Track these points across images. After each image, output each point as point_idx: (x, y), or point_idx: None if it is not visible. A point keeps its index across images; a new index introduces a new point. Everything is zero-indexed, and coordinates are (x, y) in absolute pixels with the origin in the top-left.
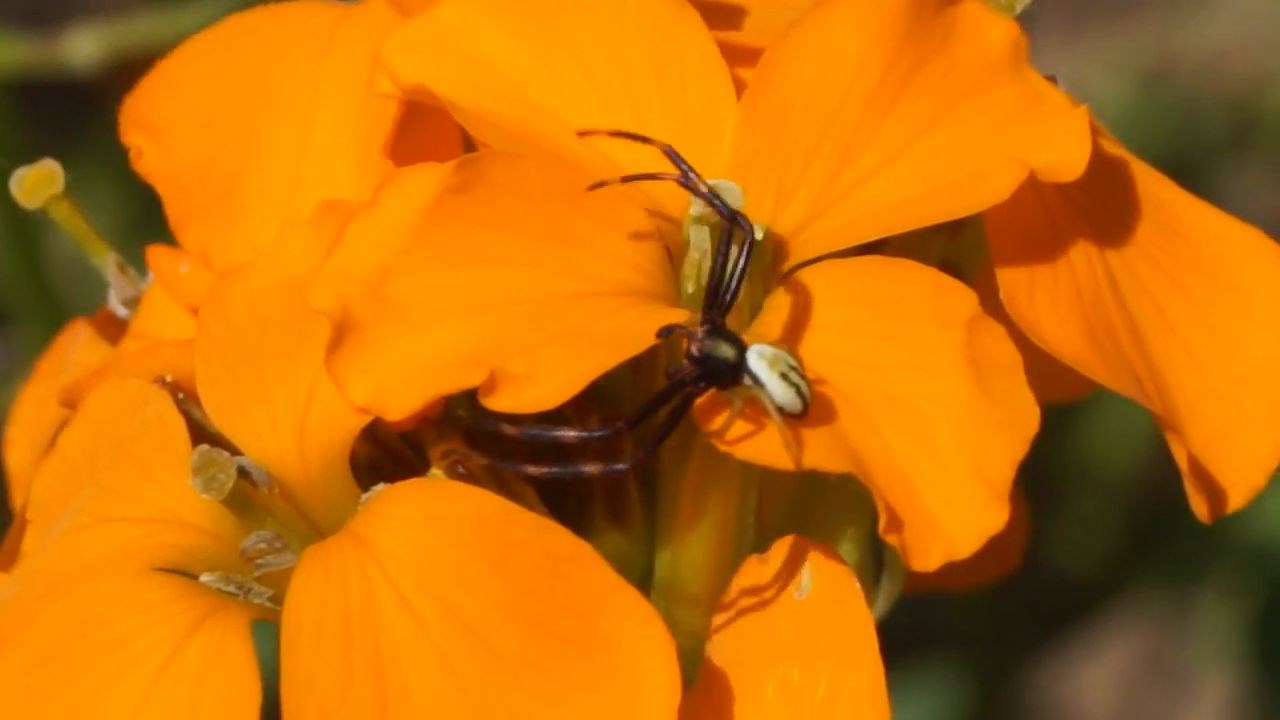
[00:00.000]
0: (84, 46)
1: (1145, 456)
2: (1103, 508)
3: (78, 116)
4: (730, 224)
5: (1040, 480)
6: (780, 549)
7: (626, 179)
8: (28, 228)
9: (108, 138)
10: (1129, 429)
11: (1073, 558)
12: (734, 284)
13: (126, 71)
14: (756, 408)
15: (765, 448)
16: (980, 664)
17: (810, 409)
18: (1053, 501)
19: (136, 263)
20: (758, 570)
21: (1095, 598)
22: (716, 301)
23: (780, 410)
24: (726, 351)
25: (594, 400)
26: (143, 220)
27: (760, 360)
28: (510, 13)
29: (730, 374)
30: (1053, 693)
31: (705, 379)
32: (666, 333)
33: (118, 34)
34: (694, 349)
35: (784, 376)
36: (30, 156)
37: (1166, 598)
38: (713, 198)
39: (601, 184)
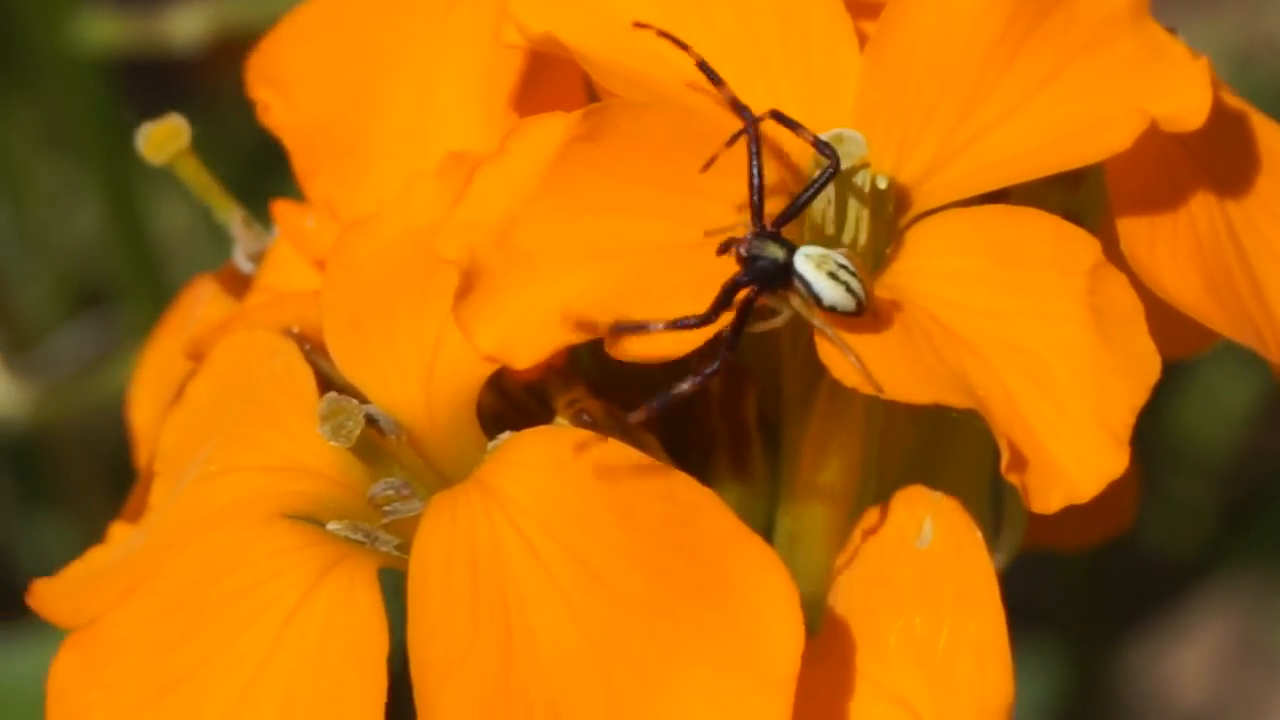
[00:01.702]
0: (187, 25)
1: (1238, 438)
2: (1196, 489)
3: (165, 98)
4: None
5: (1133, 461)
6: (901, 499)
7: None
8: (132, 208)
9: (197, 119)
10: (1222, 410)
11: (1166, 539)
12: (804, 199)
13: (217, 51)
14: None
15: (894, 381)
16: (1073, 645)
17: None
18: (1146, 483)
19: (225, 246)
20: (879, 520)
21: (1188, 579)
22: (762, 205)
23: (834, 309)
24: (774, 252)
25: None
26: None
27: (807, 261)
28: None
29: (779, 275)
30: (1145, 674)
31: (756, 280)
32: (724, 247)
33: (221, 12)
34: (741, 249)
35: (832, 275)
36: (123, 138)
37: (1260, 579)
38: (777, 117)
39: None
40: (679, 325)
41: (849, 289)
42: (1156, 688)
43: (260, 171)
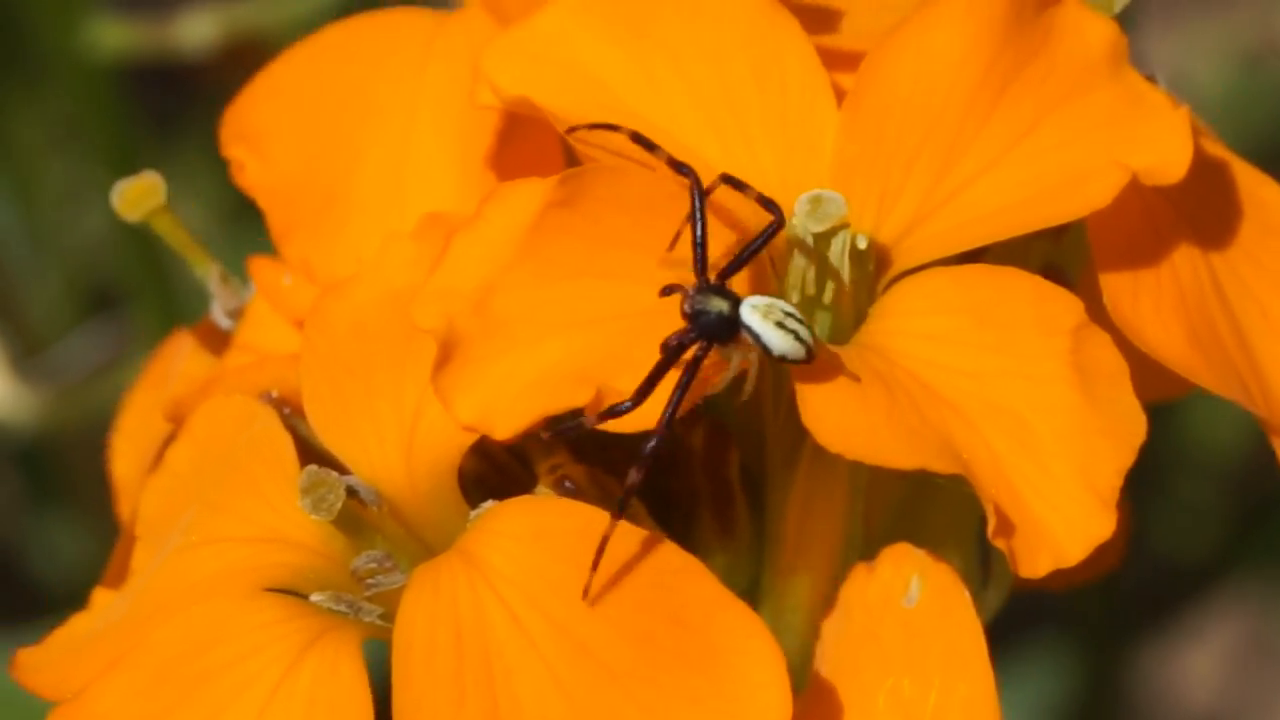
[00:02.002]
0: (198, 29)
1: (1248, 441)
2: (1206, 492)
3: (175, 101)
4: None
5: (1143, 465)
6: (888, 557)
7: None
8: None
9: (206, 123)
10: (1232, 414)
11: (1176, 542)
12: (748, 253)
13: (227, 55)
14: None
15: (877, 446)
16: (1084, 647)
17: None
18: (1156, 486)
19: (239, 251)
20: (865, 578)
21: (1198, 582)
22: (704, 258)
23: (784, 359)
24: (718, 305)
25: (701, 410)
26: (243, 208)
27: (754, 312)
28: (609, 21)
29: (725, 328)
30: (1156, 676)
31: (701, 335)
32: (666, 292)
33: (231, 17)
34: (685, 305)
35: (780, 325)
36: (133, 141)
37: (1270, 581)
38: (726, 180)
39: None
40: (612, 413)
41: (798, 337)
42: (1167, 689)
43: None
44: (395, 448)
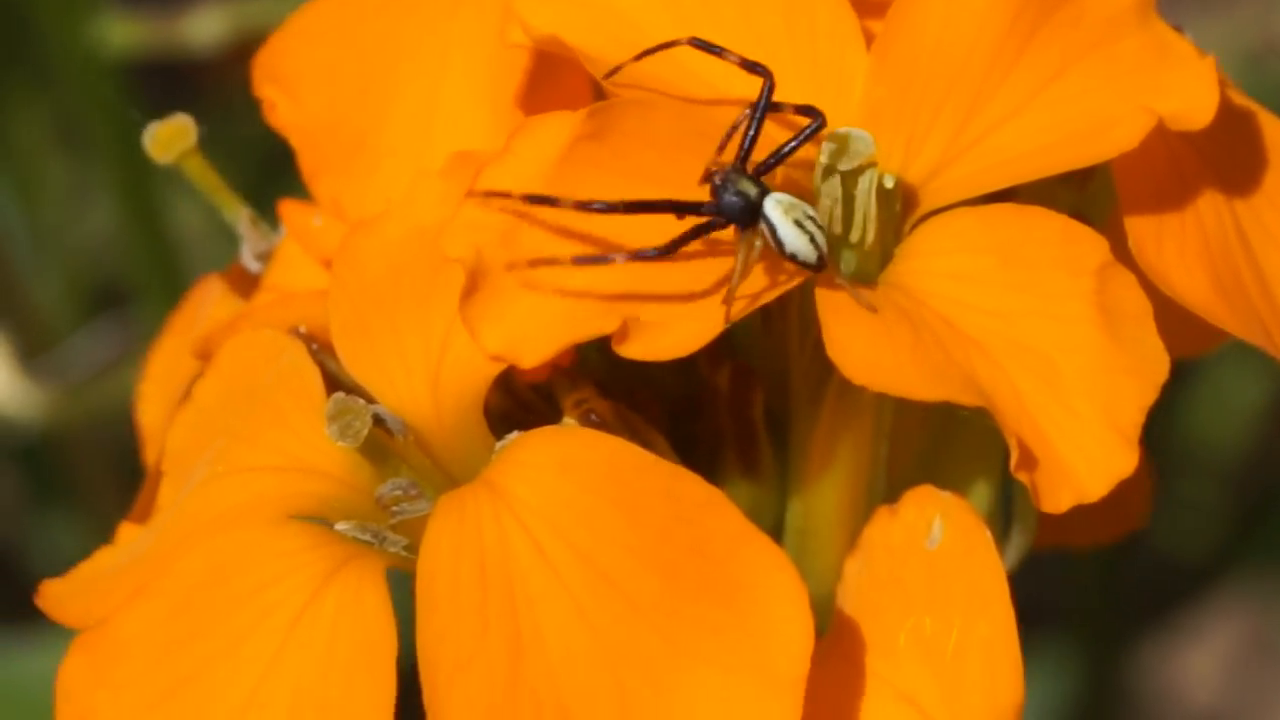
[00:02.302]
0: (205, 27)
1: (1250, 439)
2: (1207, 490)
3: (178, 97)
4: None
5: (1146, 459)
6: (911, 498)
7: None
8: (147, 208)
9: (210, 119)
10: (1233, 411)
11: (1176, 541)
12: (788, 149)
13: (232, 52)
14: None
15: (903, 378)
16: (1085, 645)
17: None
18: (1157, 483)
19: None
20: (889, 520)
21: (1199, 580)
22: (749, 152)
23: (794, 258)
24: (748, 188)
25: (727, 353)
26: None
27: (776, 205)
28: None
29: (746, 213)
30: (1157, 674)
31: (723, 213)
32: (705, 177)
33: (239, 14)
34: (715, 179)
35: (798, 224)
36: (137, 138)
37: (1271, 580)
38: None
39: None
40: (639, 256)
41: (813, 240)
42: (1168, 688)
43: (273, 172)
44: (422, 379)
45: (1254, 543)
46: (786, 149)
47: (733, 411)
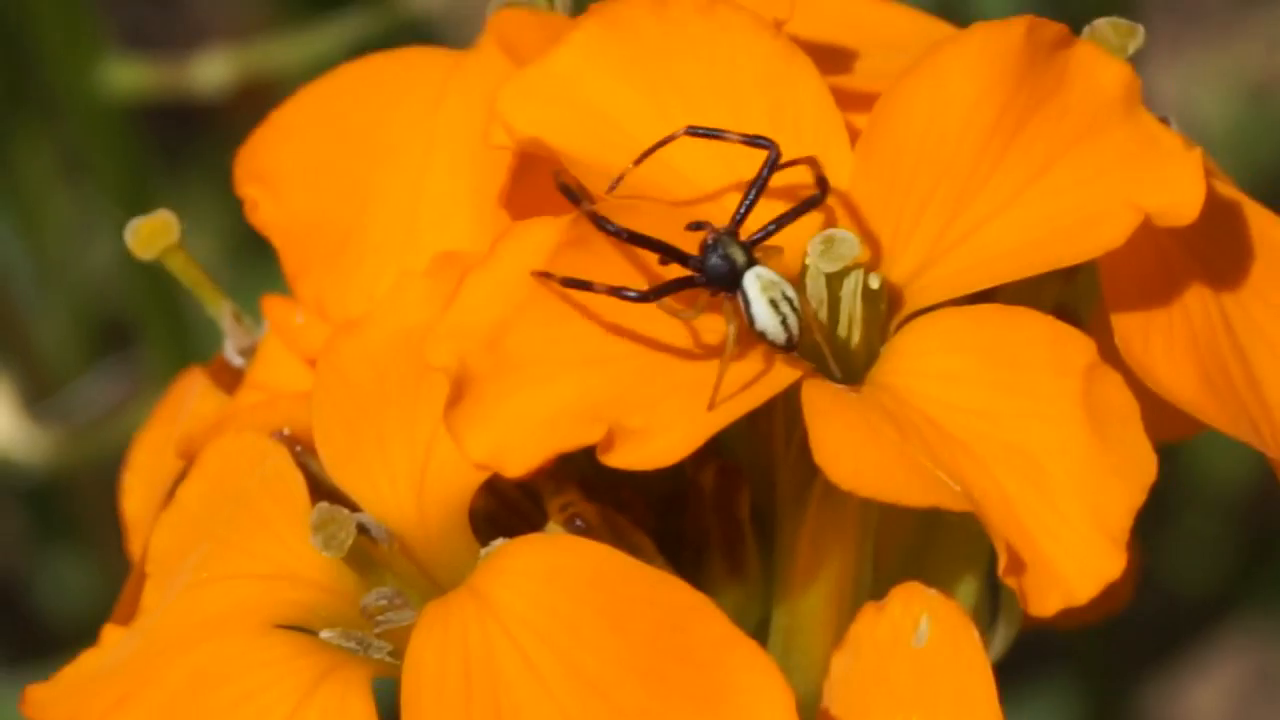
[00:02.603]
0: (212, 71)
1: (1255, 475)
2: (1212, 526)
3: (180, 131)
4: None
5: (1149, 498)
6: (898, 596)
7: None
8: None
9: (212, 156)
10: (1239, 448)
11: (1182, 576)
12: (787, 219)
13: (236, 90)
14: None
15: (890, 484)
16: (1090, 682)
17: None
18: (1162, 518)
19: (246, 287)
20: (875, 617)
21: (1206, 615)
22: (744, 217)
23: (763, 336)
24: (735, 254)
25: (712, 453)
26: (249, 243)
27: (756, 280)
28: (624, 61)
29: (728, 279)
30: (1163, 711)
31: (704, 271)
32: (695, 225)
33: (246, 58)
34: (709, 238)
35: (773, 303)
36: (142, 174)
37: (1276, 616)
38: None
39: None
40: (618, 293)
41: (784, 322)
42: None
43: None
44: (407, 485)
45: (1260, 578)
46: (786, 219)
47: (718, 510)
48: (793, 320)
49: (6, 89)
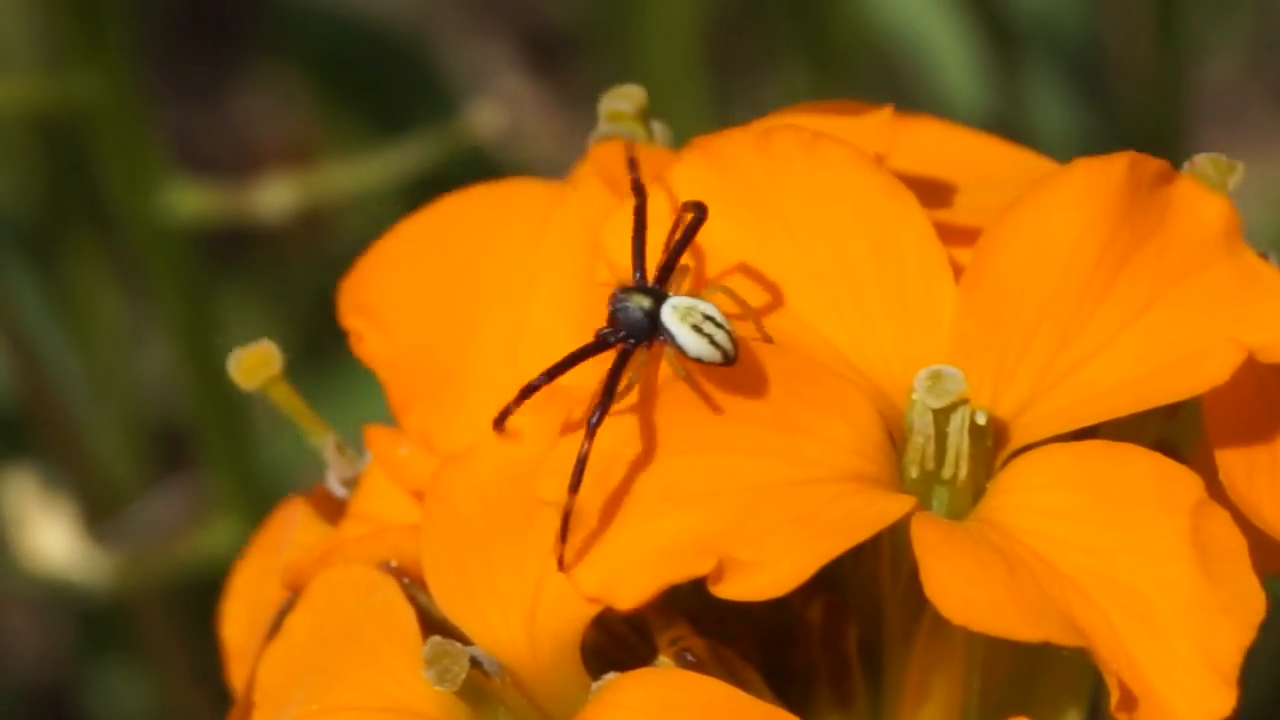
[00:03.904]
0: (274, 196)
1: None
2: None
3: (232, 246)
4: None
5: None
6: None
7: None
8: (216, 364)
9: (262, 269)
10: None
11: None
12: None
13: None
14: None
15: (1001, 617)
16: None
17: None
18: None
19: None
20: None
21: None
22: (641, 263)
23: (700, 361)
24: (640, 301)
25: (818, 587)
26: (305, 355)
27: (672, 312)
28: (728, 195)
29: (647, 325)
30: None
31: (625, 330)
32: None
33: (309, 184)
34: (612, 299)
35: (696, 328)
36: (199, 290)
37: None
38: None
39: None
40: (530, 389)
41: (713, 341)
42: None
43: (328, 322)
44: (518, 619)
45: None
46: (676, 251)
47: (826, 644)
48: (721, 336)
49: (58, 199)
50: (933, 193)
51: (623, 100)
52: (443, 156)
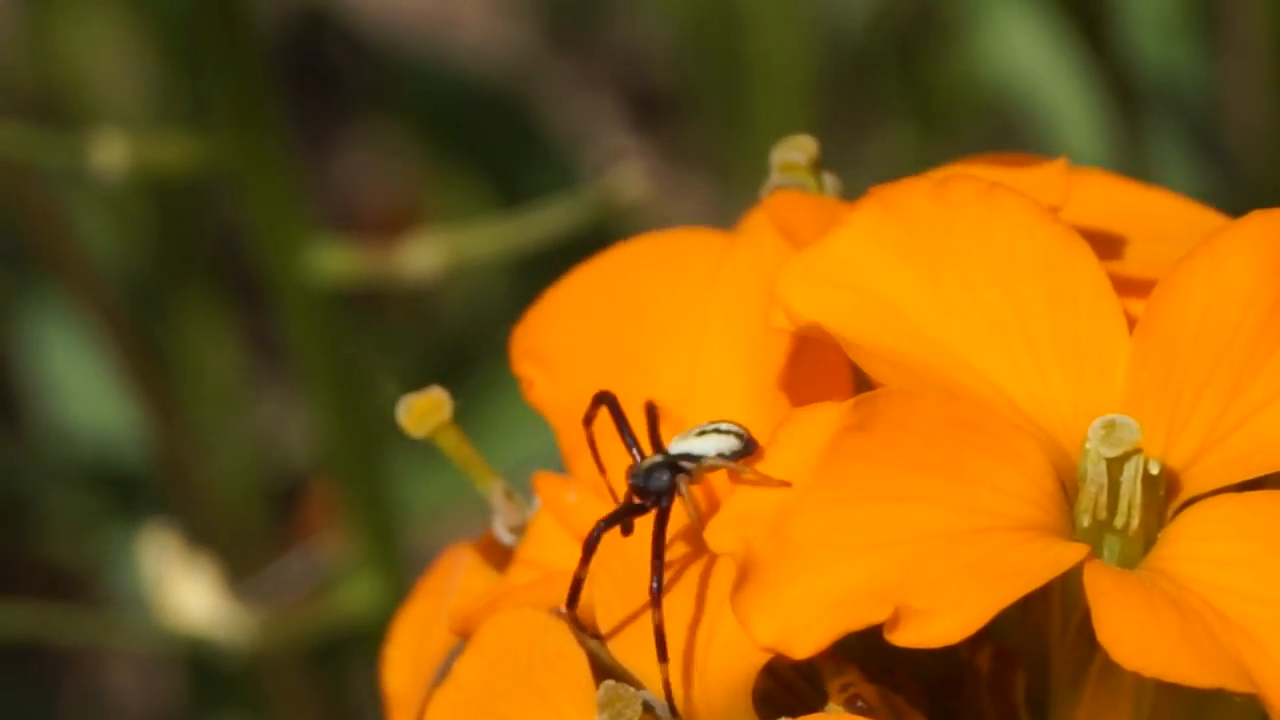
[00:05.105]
0: (421, 256)
1: None
2: None
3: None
4: None
5: None
6: None
7: None
8: (362, 430)
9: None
10: None
11: None
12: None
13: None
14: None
15: (1174, 663)
16: None
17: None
18: None
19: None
20: None
21: None
22: (637, 448)
23: (723, 455)
24: (657, 465)
25: (985, 635)
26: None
27: (679, 443)
28: (904, 245)
29: (671, 483)
30: None
31: (655, 497)
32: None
33: (456, 244)
34: (634, 483)
35: (702, 433)
36: (342, 349)
37: None
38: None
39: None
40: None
41: (718, 430)
42: None
43: (454, 365)
44: (689, 665)
45: None
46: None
47: (994, 693)
48: (725, 429)
49: (166, 257)
50: (1104, 244)
51: (795, 150)
52: (583, 220)
